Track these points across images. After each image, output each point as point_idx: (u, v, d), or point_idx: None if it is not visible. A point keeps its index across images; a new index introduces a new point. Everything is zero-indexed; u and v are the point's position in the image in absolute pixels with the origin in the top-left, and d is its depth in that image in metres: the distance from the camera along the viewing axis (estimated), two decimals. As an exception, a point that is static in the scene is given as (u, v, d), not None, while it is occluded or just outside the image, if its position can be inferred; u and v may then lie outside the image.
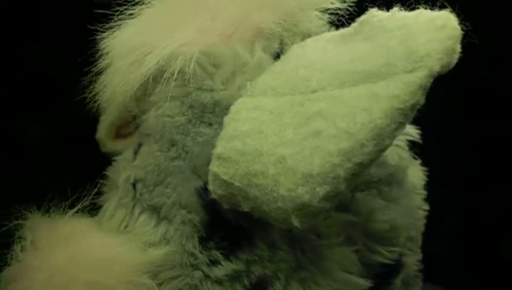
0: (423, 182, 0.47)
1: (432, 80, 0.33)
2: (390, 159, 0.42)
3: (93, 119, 0.49)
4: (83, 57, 0.43)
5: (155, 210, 0.40)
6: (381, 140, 0.32)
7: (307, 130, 0.33)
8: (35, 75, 0.61)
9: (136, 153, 0.42)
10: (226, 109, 0.37)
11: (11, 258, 0.39)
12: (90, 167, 0.46)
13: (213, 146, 0.36)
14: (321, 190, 0.32)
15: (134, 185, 0.42)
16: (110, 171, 0.45)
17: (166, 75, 0.39)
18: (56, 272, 0.37)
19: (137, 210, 0.41)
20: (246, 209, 0.35)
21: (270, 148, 0.33)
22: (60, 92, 0.63)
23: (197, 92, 0.39)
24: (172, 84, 0.39)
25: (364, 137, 0.32)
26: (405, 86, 0.32)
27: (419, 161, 0.47)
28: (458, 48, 0.35)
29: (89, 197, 0.41)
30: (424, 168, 0.49)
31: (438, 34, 0.34)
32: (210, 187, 0.36)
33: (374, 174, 0.42)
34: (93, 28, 0.43)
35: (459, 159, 0.67)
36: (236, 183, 0.34)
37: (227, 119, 0.36)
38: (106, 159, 0.48)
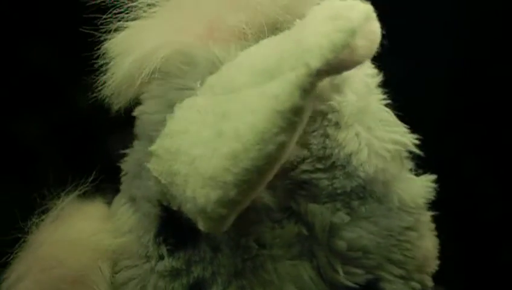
0: (422, 200, 0.41)
1: (315, 79, 0.30)
2: (362, 170, 0.38)
3: (93, 119, 0.49)
4: (82, 57, 0.44)
5: (132, 201, 0.41)
6: (264, 145, 0.30)
7: (215, 131, 0.32)
8: (35, 75, 0.61)
9: (132, 146, 0.44)
10: None
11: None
12: (90, 167, 0.47)
13: None
14: (214, 195, 0.31)
15: (124, 176, 0.43)
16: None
17: (146, 74, 0.40)
18: (37, 246, 0.40)
19: (122, 200, 0.42)
20: (175, 207, 0.36)
21: (187, 148, 0.33)
22: (59, 92, 0.63)
23: (173, 91, 0.40)
24: (154, 83, 0.40)
25: (248, 141, 0.30)
26: (285, 85, 0.30)
27: (422, 177, 0.42)
28: (354, 41, 0.31)
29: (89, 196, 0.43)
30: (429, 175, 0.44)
31: (325, 26, 0.31)
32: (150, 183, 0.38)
33: (336, 185, 0.38)
34: (93, 28, 0.43)
35: (459, 159, 0.67)
36: (163, 181, 0.34)
37: (168, 117, 0.36)
38: (106, 159, 0.48)
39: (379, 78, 0.42)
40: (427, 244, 0.42)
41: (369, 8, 0.32)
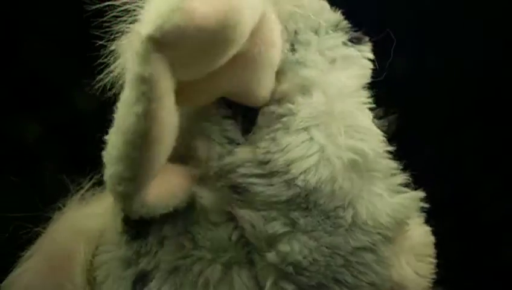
0: (388, 220, 0.37)
1: (153, 46, 0.29)
2: (302, 179, 0.36)
3: (93, 119, 0.49)
4: (82, 58, 0.43)
5: None
6: (126, 117, 0.30)
7: None
8: (35, 75, 0.61)
9: None
10: None
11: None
12: (90, 167, 0.46)
13: None
14: (108, 171, 0.33)
15: None
16: None
17: None
18: (49, 229, 0.44)
19: None
20: None
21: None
22: (59, 92, 0.63)
23: None
24: None
25: (118, 114, 0.32)
26: (128, 57, 0.31)
27: (405, 195, 0.39)
28: (187, 4, 0.28)
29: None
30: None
31: None
32: None
33: (271, 192, 0.36)
34: (93, 28, 0.43)
35: (459, 159, 0.67)
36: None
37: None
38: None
39: (366, 80, 0.40)
40: (401, 271, 0.38)
41: None
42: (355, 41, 0.41)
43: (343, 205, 0.36)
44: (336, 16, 0.42)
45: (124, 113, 0.31)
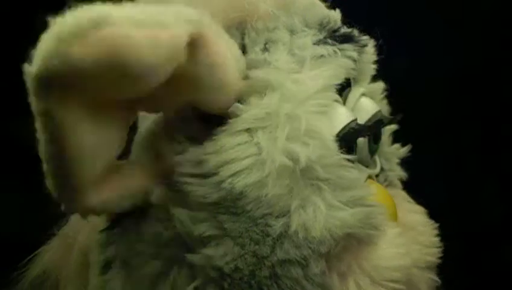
0: (328, 234, 0.34)
1: (39, 82, 0.29)
2: (229, 182, 0.34)
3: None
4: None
5: None
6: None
7: None
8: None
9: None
10: None
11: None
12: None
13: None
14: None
15: None
16: None
17: None
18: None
19: None
20: None
21: None
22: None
23: None
24: None
25: None
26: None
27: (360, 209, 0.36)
28: (67, 48, 0.28)
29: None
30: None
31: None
32: None
33: (200, 193, 0.35)
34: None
35: (460, 159, 0.67)
36: None
37: None
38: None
39: (338, 80, 0.38)
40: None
41: (97, 14, 0.28)
42: (340, 39, 0.40)
43: (272, 213, 0.34)
44: (324, 12, 0.41)
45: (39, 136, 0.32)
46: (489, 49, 0.71)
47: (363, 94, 0.42)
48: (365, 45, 0.41)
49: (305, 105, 0.36)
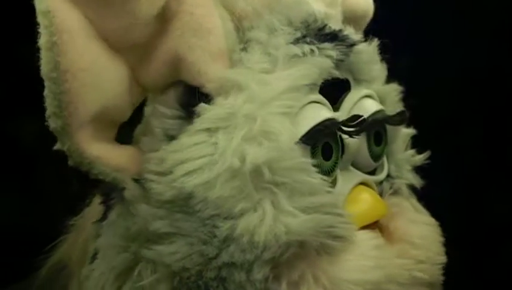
0: (268, 239, 0.33)
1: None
2: (181, 181, 0.35)
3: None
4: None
5: None
6: None
7: None
8: (35, 75, 0.61)
9: None
10: None
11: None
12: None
13: None
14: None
15: None
16: None
17: None
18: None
19: None
20: None
21: None
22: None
23: None
24: None
25: None
26: None
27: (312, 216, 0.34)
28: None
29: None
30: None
31: None
32: None
33: (157, 190, 0.35)
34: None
35: (461, 159, 0.67)
36: None
37: None
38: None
39: (308, 80, 0.37)
40: None
41: None
42: (323, 37, 0.39)
43: (220, 214, 0.34)
44: (310, 10, 0.40)
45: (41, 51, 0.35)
46: (493, 48, 0.71)
47: (368, 96, 0.41)
48: (353, 44, 0.40)
49: (269, 106, 0.36)
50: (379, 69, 0.43)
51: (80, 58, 0.34)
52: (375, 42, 0.42)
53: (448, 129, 0.65)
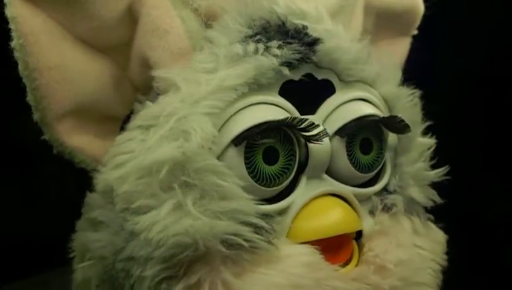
0: (159, 238, 0.34)
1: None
2: (103, 176, 0.37)
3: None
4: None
5: None
6: None
7: None
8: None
9: None
10: None
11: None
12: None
13: None
14: None
15: None
16: None
17: None
18: None
19: None
20: None
21: None
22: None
23: None
24: None
25: None
26: None
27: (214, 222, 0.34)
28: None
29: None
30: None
31: None
32: None
33: (96, 183, 0.38)
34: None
35: (462, 159, 0.67)
36: None
37: None
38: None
39: (242, 80, 0.36)
40: None
41: None
42: (277, 36, 0.37)
43: (129, 209, 0.35)
44: (271, 8, 0.39)
45: None
46: (493, 49, 0.71)
47: (361, 99, 0.40)
48: (314, 42, 0.38)
49: (197, 106, 0.35)
50: (374, 70, 0.41)
51: (46, 58, 0.37)
52: (366, 41, 0.41)
53: (448, 129, 0.65)
